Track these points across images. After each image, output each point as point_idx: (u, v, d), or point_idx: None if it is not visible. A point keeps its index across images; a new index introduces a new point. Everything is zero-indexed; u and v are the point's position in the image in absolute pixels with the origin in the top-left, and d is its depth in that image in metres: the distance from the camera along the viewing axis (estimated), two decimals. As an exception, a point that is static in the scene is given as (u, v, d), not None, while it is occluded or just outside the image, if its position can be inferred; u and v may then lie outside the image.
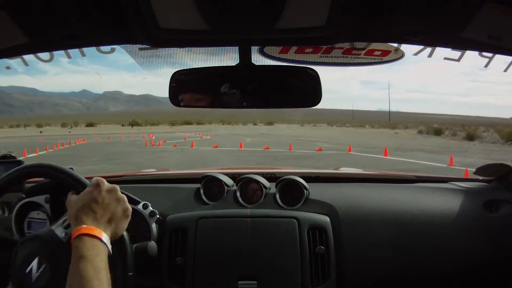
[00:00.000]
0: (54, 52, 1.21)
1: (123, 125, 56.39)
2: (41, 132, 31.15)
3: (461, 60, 1.31)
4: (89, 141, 23.43)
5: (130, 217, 0.83)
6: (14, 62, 1.36)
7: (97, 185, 0.81)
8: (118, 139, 25.67)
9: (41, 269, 0.80)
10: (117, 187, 0.84)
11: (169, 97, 1.05)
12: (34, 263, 0.79)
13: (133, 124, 56.42)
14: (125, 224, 0.82)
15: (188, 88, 1.06)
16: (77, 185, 0.95)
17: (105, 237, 0.75)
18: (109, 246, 0.76)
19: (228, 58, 1.06)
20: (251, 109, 1.08)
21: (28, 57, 1.25)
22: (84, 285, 0.66)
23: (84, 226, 0.74)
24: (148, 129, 46.14)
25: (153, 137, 26.03)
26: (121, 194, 0.83)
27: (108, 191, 0.81)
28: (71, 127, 54.21)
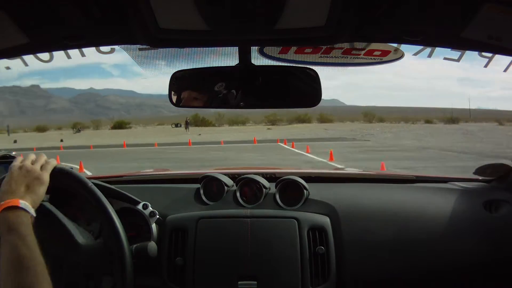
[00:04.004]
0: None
1: (176, 125, 47.84)
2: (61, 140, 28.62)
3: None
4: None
5: (46, 182, 0.88)
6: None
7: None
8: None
9: None
10: (27, 161, 0.90)
11: (169, 97, 1.05)
12: None
13: (179, 125, 47.90)
14: (42, 188, 0.87)
15: (187, 88, 1.06)
16: (77, 184, 0.95)
17: (23, 204, 0.81)
18: (31, 211, 0.81)
19: (228, 58, 1.06)
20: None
21: (59, 57, 1.25)
22: (12, 254, 0.73)
23: (2, 202, 0.80)
24: (202, 130, 37.02)
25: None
26: (31, 166, 0.89)
27: (20, 167, 0.88)
28: (79, 130, 47.43)
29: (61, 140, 28.38)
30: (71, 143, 24.85)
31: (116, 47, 1.28)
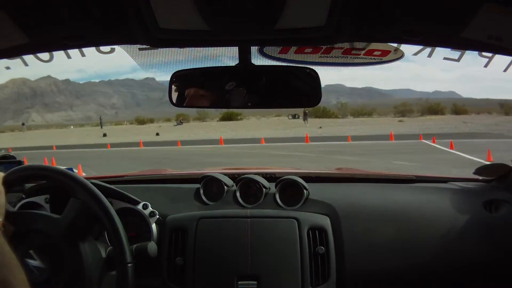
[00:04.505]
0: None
1: (294, 117, 36.69)
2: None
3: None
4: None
5: (1, 191, 0.89)
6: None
7: None
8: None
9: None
10: None
11: (169, 97, 1.05)
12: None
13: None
14: (1, 197, 0.88)
15: (187, 88, 1.06)
16: (76, 186, 0.96)
17: None
18: None
19: (228, 58, 1.06)
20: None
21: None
22: None
23: None
24: (322, 122, 28.95)
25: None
26: None
27: None
28: (180, 122, 38.51)
29: (157, 134, 25.36)
30: (164, 138, 21.55)
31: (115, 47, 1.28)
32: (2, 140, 30.79)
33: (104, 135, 27.23)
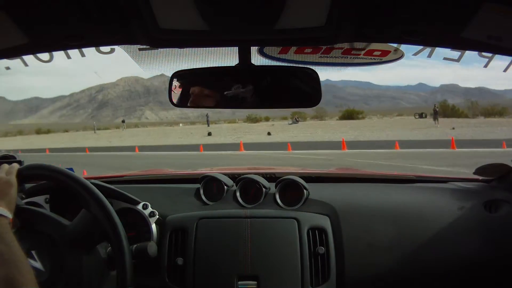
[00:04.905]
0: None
1: (421, 116, 34.62)
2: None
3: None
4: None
5: (14, 184, 0.92)
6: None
7: None
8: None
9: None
10: None
11: (169, 97, 1.05)
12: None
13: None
14: (12, 190, 0.91)
15: (187, 88, 1.06)
16: (76, 186, 0.95)
17: None
18: (6, 214, 0.85)
19: (227, 58, 1.07)
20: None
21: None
22: None
23: None
24: (454, 122, 25.02)
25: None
26: None
27: None
28: (296, 120, 35.28)
29: (269, 133, 24.50)
30: (275, 138, 19.59)
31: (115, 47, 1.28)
32: (97, 138, 30.14)
33: (209, 134, 26.42)
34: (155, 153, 15.28)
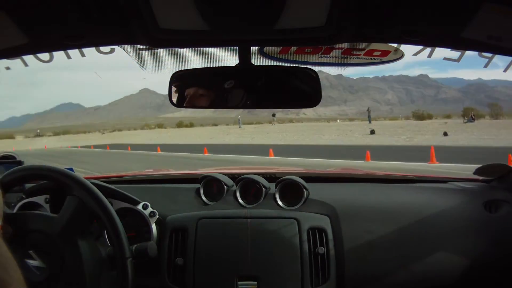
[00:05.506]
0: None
1: None
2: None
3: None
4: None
5: None
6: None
7: None
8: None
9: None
10: None
11: (169, 97, 1.05)
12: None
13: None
14: None
15: (187, 88, 1.06)
16: (72, 184, 0.96)
17: None
18: None
19: (228, 58, 1.06)
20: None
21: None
22: None
23: None
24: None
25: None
26: None
27: None
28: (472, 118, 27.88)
29: (445, 134, 17.62)
30: (455, 141, 14.25)
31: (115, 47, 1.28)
32: (240, 133, 27.32)
33: (372, 132, 20.81)
34: (296, 159, 10.91)
